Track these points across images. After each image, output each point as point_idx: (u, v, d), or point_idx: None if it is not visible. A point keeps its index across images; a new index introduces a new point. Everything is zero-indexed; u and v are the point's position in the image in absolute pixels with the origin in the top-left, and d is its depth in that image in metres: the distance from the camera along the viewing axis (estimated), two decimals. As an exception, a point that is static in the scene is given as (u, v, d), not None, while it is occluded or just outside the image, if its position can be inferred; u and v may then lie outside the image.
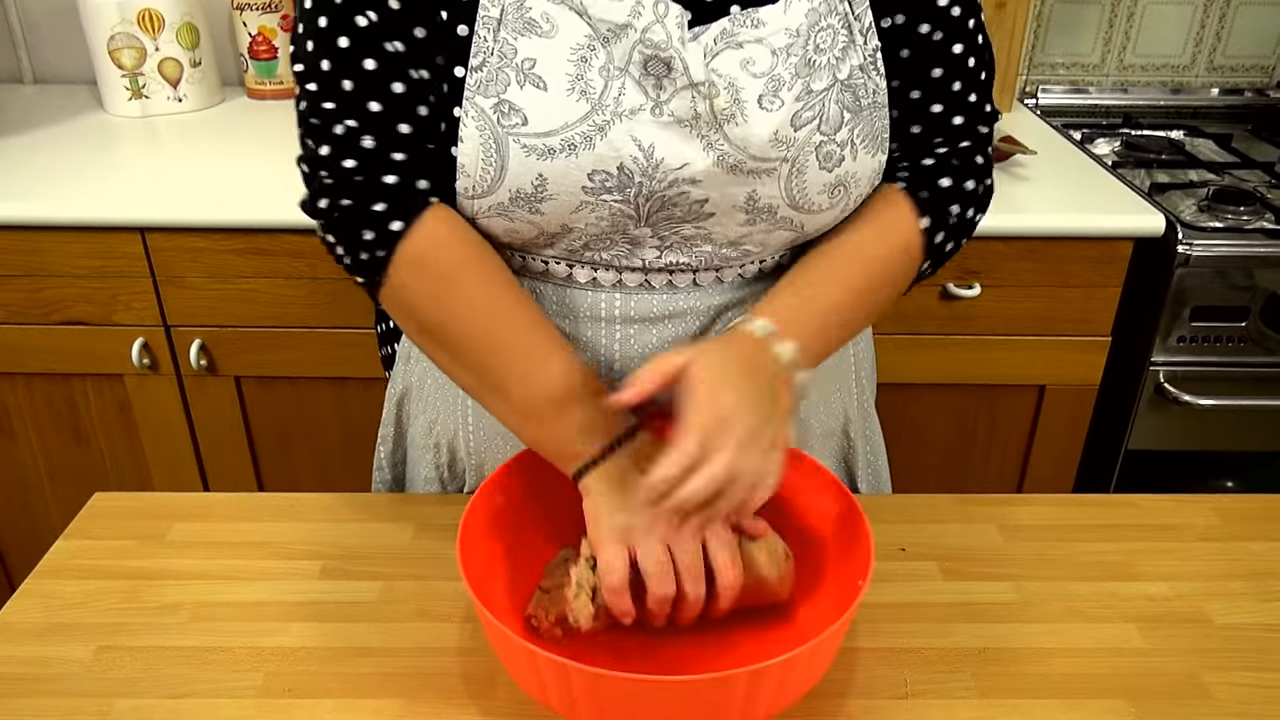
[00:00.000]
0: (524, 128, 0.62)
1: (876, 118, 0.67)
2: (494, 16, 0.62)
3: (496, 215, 0.66)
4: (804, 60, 0.64)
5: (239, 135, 1.46)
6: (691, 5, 0.63)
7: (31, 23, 1.64)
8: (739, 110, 0.62)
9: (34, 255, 1.23)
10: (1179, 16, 1.68)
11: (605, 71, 0.62)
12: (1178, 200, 1.34)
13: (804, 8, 0.64)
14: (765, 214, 0.67)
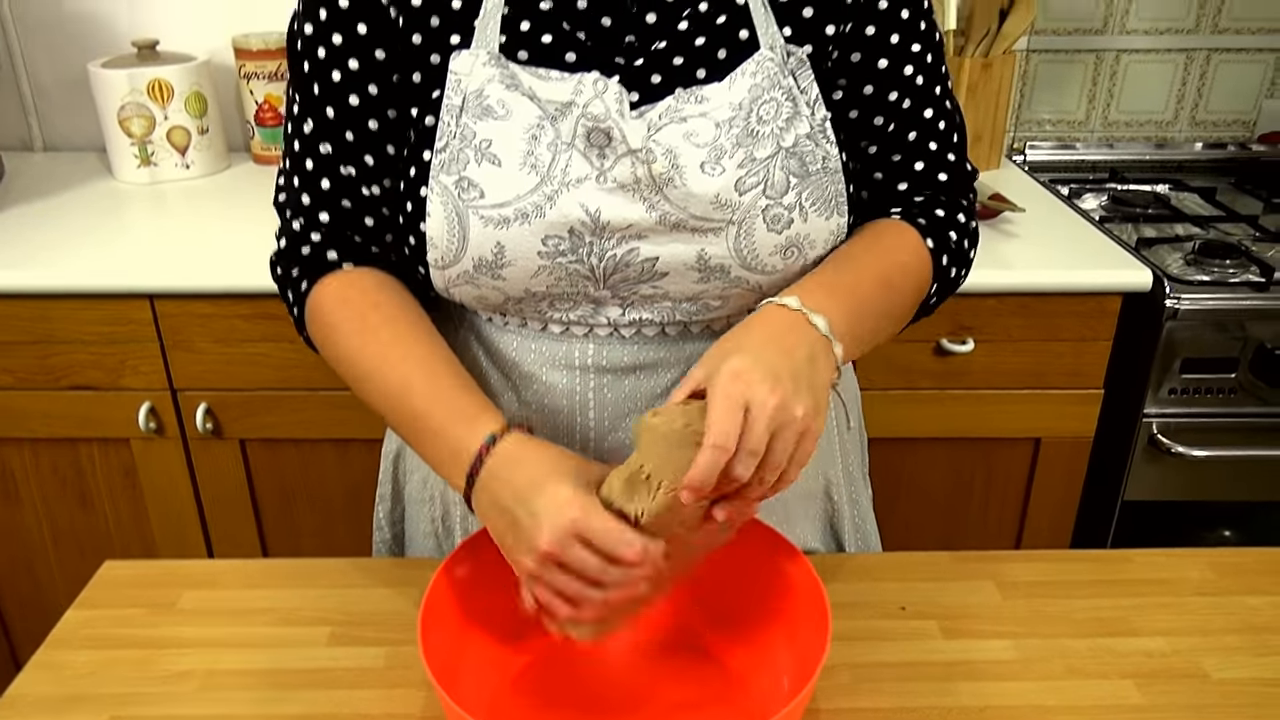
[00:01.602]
0: (481, 200, 0.68)
1: (828, 182, 0.70)
2: (456, 105, 0.69)
3: (464, 283, 0.71)
4: (746, 130, 0.68)
5: (245, 200, 1.49)
6: (639, 86, 0.69)
7: (42, 91, 1.68)
8: (678, 174, 0.67)
9: (44, 322, 1.25)
10: (1160, 74, 1.72)
11: (553, 146, 0.67)
12: (1165, 254, 1.37)
13: (747, 84, 0.68)
14: (718, 273, 0.70)
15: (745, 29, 0.69)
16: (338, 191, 0.73)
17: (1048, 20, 1.67)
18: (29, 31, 1.64)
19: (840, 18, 0.71)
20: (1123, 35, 1.69)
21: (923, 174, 0.75)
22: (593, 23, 0.69)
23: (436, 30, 0.70)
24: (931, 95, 0.74)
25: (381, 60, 0.71)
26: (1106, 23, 1.68)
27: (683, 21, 0.69)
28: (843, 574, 0.81)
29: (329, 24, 0.71)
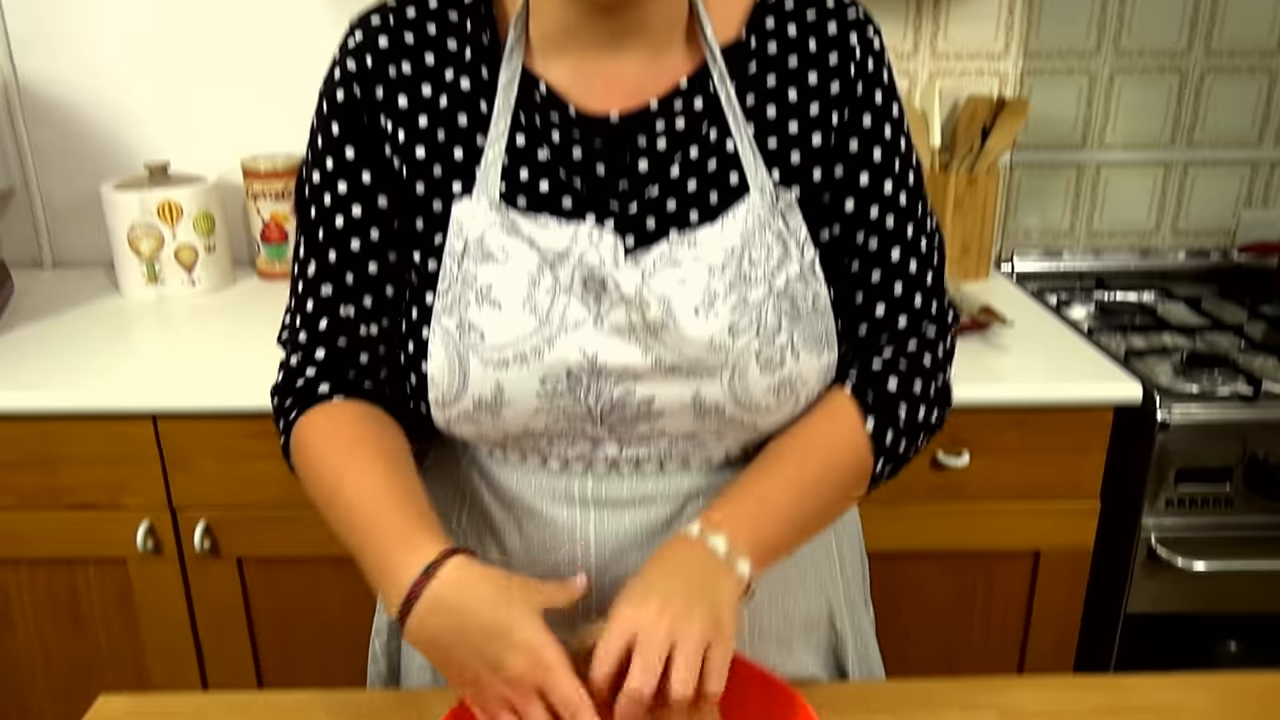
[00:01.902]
0: (482, 343, 0.70)
1: (819, 321, 0.72)
2: (458, 250, 0.71)
3: (465, 421, 0.73)
4: (738, 274, 0.70)
5: (250, 316, 1.52)
6: (634, 230, 0.71)
7: (55, 211, 1.73)
8: (671, 320, 0.69)
9: (48, 442, 1.26)
10: (1140, 185, 1.78)
11: (552, 291, 0.70)
12: (1154, 364, 1.39)
13: (738, 227, 0.71)
14: (713, 413, 0.72)
15: (735, 173, 0.72)
16: (335, 330, 0.76)
17: (1029, 136, 1.73)
18: (43, 153, 1.69)
19: (826, 162, 0.73)
20: (1102, 150, 1.75)
21: (883, 320, 0.76)
22: (588, 171, 0.73)
23: (439, 179, 0.73)
24: (902, 236, 0.75)
25: (384, 207, 0.74)
26: (1085, 138, 1.74)
27: (674, 167, 0.72)
28: (844, 703, 0.80)
29: (335, 172, 0.74)
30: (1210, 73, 1.70)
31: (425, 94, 0.73)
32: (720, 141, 0.72)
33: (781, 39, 0.73)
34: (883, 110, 0.74)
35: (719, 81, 0.72)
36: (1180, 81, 1.71)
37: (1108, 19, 1.66)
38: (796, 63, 0.73)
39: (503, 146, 0.72)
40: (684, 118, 0.73)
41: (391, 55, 0.73)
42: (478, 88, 0.73)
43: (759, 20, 0.74)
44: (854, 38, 0.73)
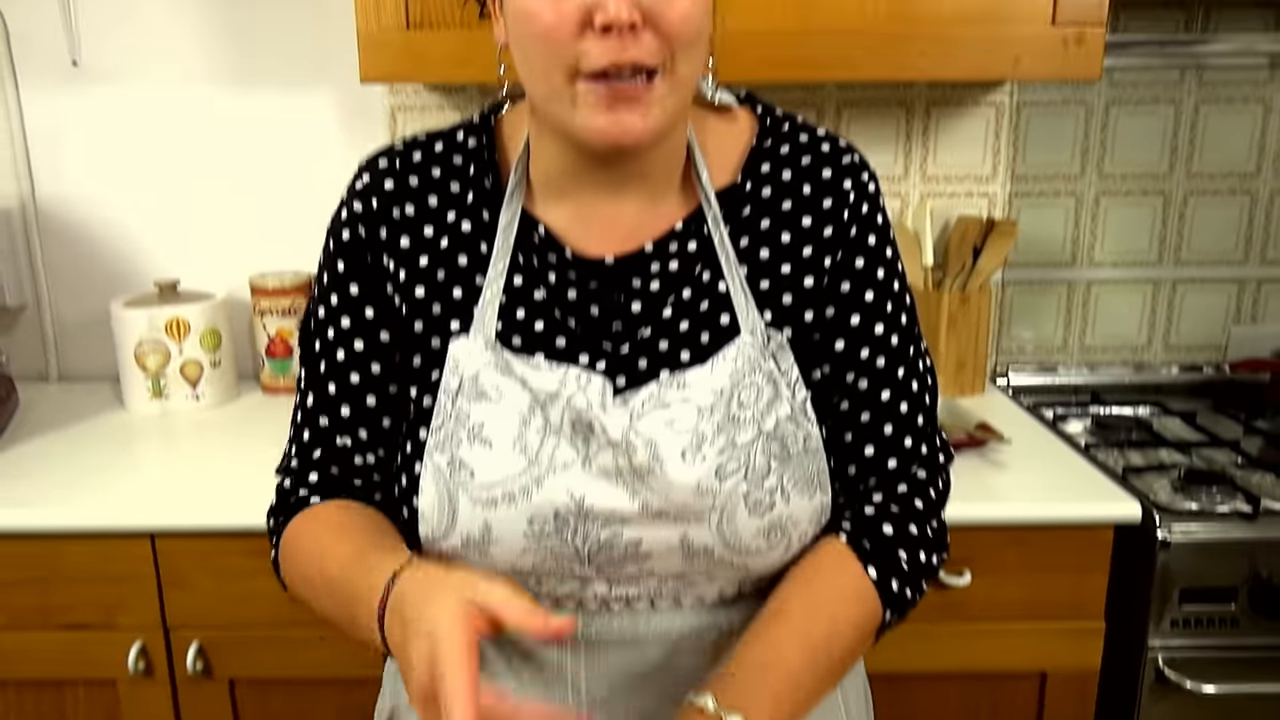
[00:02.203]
0: (472, 481, 0.70)
1: (809, 462, 0.72)
2: (453, 387, 0.73)
3: (453, 558, 0.73)
4: (727, 416, 0.70)
5: (252, 431, 1.53)
6: (625, 371, 0.72)
7: (64, 328, 1.75)
8: (658, 465, 0.69)
9: (44, 561, 1.25)
10: (1130, 302, 1.81)
11: (542, 431, 0.70)
12: (1152, 481, 1.39)
13: (728, 369, 0.71)
14: (702, 555, 0.71)
15: (726, 314, 0.73)
16: (329, 459, 0.77)
17: (1020, 254, 1.77)
18: (56, 271, 1.73)
19: (818, 303, 0.75)
20: (1091, 268, 1.79)
21: (872, 461, 0.75)
22: (583, 311, 0.74)
23: (438, 317, 0.75)
24: (893, 377, 0.76)
25: (386, 342, 0.76)
26: (1075, 257, 1.78)
27: (667, 309, 0.74)
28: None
29: (340, 308, 0.77)
30: (1193, 195, 1.76)
31: (427, 235, 0.75)
32: (713, 283, 0.74)
33: (776, 183, 0.75)
34: (876, 252, 0.75)
35: (713, 225, 0.74)
36: (1164, 203, 1.76)
37: (1090, 144, 1.73)
38: (790, 206, 0.75)
39: (500, 287, 0.74)
40: (677, 260, 0.74)
41: (396, 197, 0.76)
42: (479, 229, 0.75)
43: (754, 165, 0.76)
44: (848, 183, 0.75)
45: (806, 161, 0.76)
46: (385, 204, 0.76)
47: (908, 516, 0.75)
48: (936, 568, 0.77)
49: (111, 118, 1.67)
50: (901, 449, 0.76)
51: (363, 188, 0.77)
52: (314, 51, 1.65)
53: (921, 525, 0.75)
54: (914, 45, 1.32)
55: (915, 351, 0.78)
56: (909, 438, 0.76)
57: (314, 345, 0.78)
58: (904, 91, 1.68)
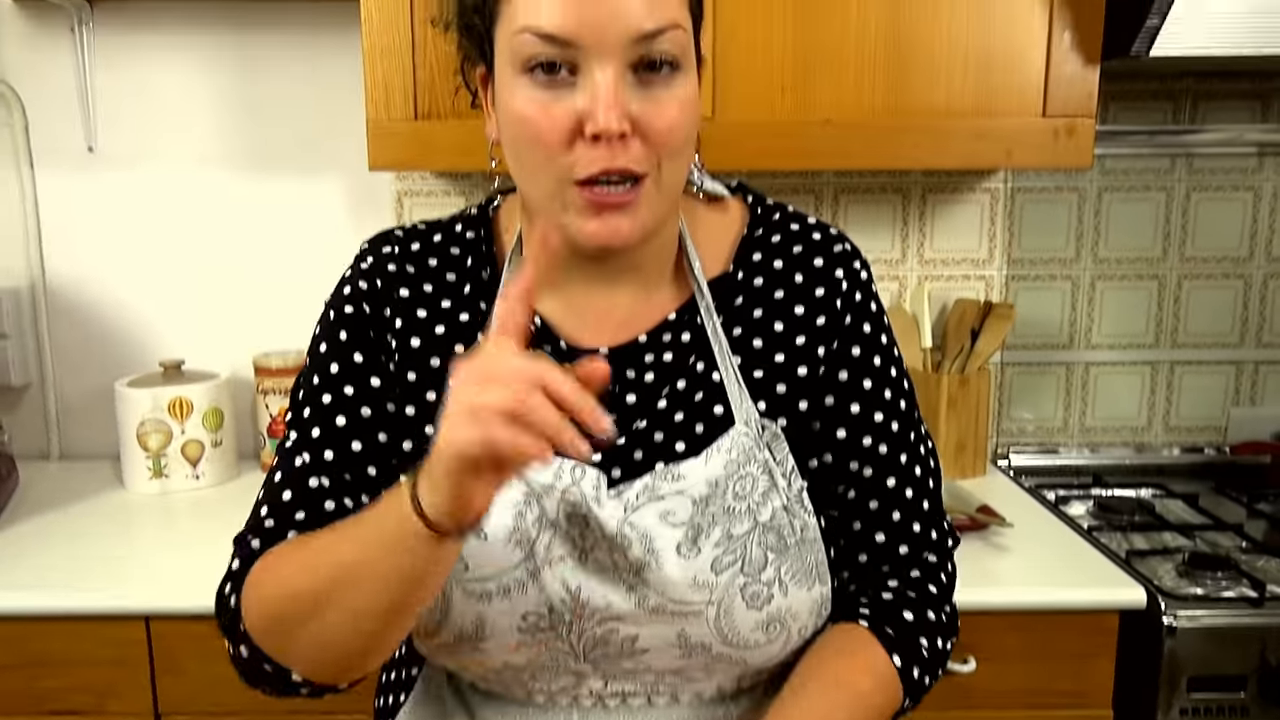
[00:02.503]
0: (465, 573, 0.69)
1: (807, 553, 0.71)
2: None
3: (446, 653, 0.72)
4: (723, 508, 0.70)
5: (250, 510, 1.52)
6: (620, 463, 0.72)
7: (67, 407, 1.76)
8: (654, 560, 0.68)
9: (37, 643, 1.24)
10: (1129, 384, 1.82)
11: (538, 523, 0.69)
12: (1156, 565, 1.38)
13: (722, 460, 0.71)
14: (699, 650, 0.70)
15: (720, 405, 0.73)
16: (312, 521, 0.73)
17: (1018, 337, 1.78)
18: (62, 350, 1.75)
19: (814, 392, 0.75)
20: (1089, 350, 1.80)
21: (884, 547, 0.75)
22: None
23: (431, 404, 0.74)
24: (896, 463, 0.76)
25: (391, 412, 0.74)
26: (1073, 339, 1.80)
27: (661, 400, 0.74)
28: None
29: (341, 375, 0.74)
30: (1187, 279, 1.78)
31: (425, 320, 0.76)
32: (706, 373, 0.74)
33: (768, 272, 0.76)
34: (871, 339, 0.76)
35: (706, 314, 0.74)
36: (1159, 287, 1.78)
37: (1085, 229, 1.76)
38: (783, 295, 0.75)
39: None
40: (671, 350, 0.75)
41: (399, 280, 0.76)
42: (475, 320, 0.76)
43: (746, 254, 0.77)
44: (840, 271, 0.76)
45: (798, 250, 0.77)
46: (389, 284, 0.76)
47: (925, 603, 0.75)
48: (950, 654, 0.76)
49: (123, 200, 1.70)
50: (911, 535, 0.76)
51: (368, 267, 0.78)
52: (322, 138, 1.69)
53: (938, 611, 0.75)
54: (909, 137, 1.36)
55: (917, 436, 0.78)
56: (917, 523, 0.76)
57: (303, 411, 0.75)
58: (900, 178, 1.72)
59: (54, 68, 1.66)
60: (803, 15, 1.33)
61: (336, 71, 1.66)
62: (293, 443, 0.75)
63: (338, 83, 1.67)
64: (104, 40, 1.65)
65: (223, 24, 1.66)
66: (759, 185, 0.85)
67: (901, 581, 0.75)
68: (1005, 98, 1.36)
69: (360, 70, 1.36)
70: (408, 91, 1.33)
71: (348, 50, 1.65)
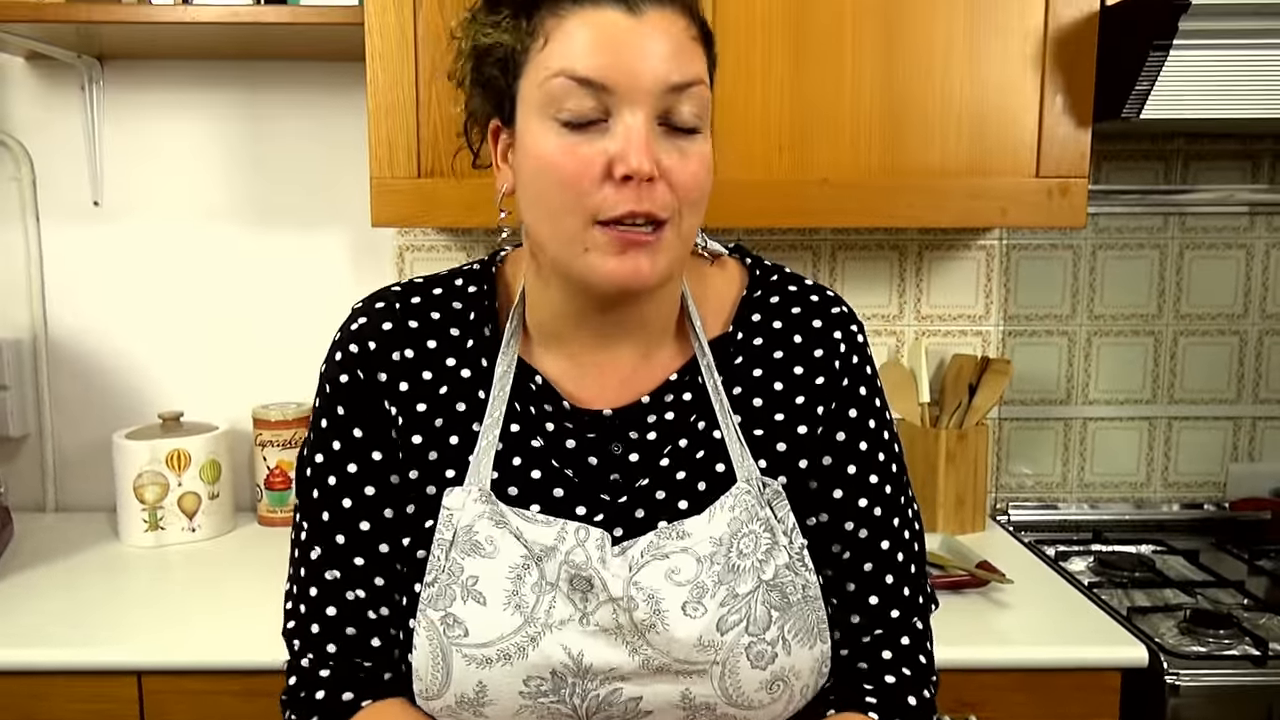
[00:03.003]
0: (465, 639, 0.69)
1: (809, 610, 0.72)
2: (447, 539, 0.72)
3: (448, 716, 0.71)
4: (728, 566, 0.70)
5: (246, 563, 1.51)
6: (623, 521, 0.72)
7: (64, 458, 1.76)
8: (659, 620, 0.68)
9: (26, 700, 1.22)
10: (1127, 439, 1.82)
11: (538, 587, 0.69)
12: (1158, 623, 1.37)
13: (726, 517, 0.71)
14: (704, 711, 0.70)
15: (722, 463, 0.74)
16: (344, 618, 0.75)
17: (1015, 392, 1.79)
18: (61, 402, 1.75)
19: (813, 451, 0.76)
20: (1087, 406, 1.81)
21: (876, 609, 0.76)
22: (579, 462, 0.74)
23: (433, 463, 0.74)
24: (889, 527, 0.77)
25: (396, 484, 0.75)
26: (1070, 394, 1.81)
27: (663, 458, 0.74)
28: None
29: (343, 453, 0.75)
30: (1182, 335, 1.79)
31: (426, 379, 0.75)
32: (708, 431, 0.75)
33: (767, 332, 0.77)
34: (867, 402, 0.77)
35: (707, 373, 0.75)
36: (1155, 343, 1.79)
37: (1080, 286, 1.77)
38: (782, 355, 0.77)
39: (496, 435, 0.74)
40: (673, 410, 0.75)
41: (395, 340, 0.76)
42: (477, 377, 0.76)
43: (746, 314, 0.78)
44: (838, 333, 0.77)
45: (797, 311, 0.78)
46: (384, 346, 0.76)
47: (922, 681, 0.76)
48: (932, 705, 0.78)
49: (127, 254, 1.72)
50: (902, 599, 0.77)
51: (359, 329, 0.77)
52: (325, 193, 1.71)
53: (928, 686, 0.77)
54: (904, 196, 1.38)
55: (905, 500, 0.79)
56: (907, 587, 0.77)
57: (312, 493, 0.76)
58: (897, 235, 1.74)
59: (63, 124, 1.68)
60: (799, 78, 1.36)
61: (341, 129, 1.69)
62: (321, 554, 0.76)
63: (342, 139, 1.69)
64: (113, 97, 1.68)
65: (231, 82, 1.69)
66: (757, 243, 0.87)
67: (895, 656, 0.76)
68: (999, 158, 1.38)
69: (364, 128, 1.38)
70: (411, 149, 1.36)
71: (352, 108, 1.68)
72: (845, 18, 1.35)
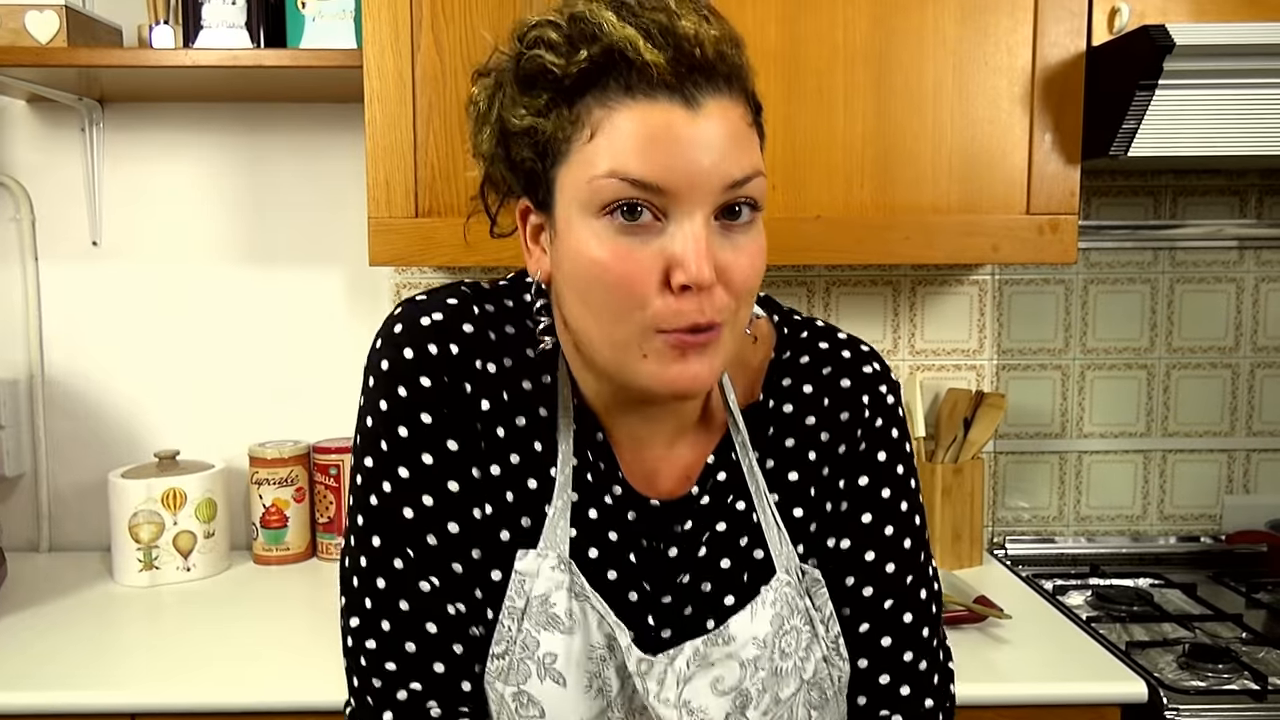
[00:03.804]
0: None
1: (842, 701, 0.69)
2: (519, 608, 0.65)
3: None
4: (772, 671, 0.67)
5: (241, 602, 1.50)
6: (670, 622, 0.68)
7: (59, 498, 1.75)
8: None
9: (18, 744, 1.21)
10: (1122, 472, 1.83)
11: (622, 670, 0.64)
12: (1157, 657, 1.37)
13: (768, 614, 0.67)
14: None
15: (760, 549, 0.70)
16: (429, 693, 0.65)
17: (1010, 425, 1.80)
18: (57, 441, 1.75)
19: (837, 531, 0.72)
20: (1081, 439, 1.81)
21: (886, 689, 0.72)
22: (636, 546, 0.69)
23: (510, 506, 0.68)
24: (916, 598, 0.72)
25: (476, 519, 0.67)
26: (1065, 428, 1.81)
27: (702, 548, 0.70)
28: None
29: (434, 472, 0.66)
30: (1175, 368, 1.80)
31: (505, 401, 0.68)
32: (746, 514, 0.71)
33: (798, 398, 0.73)
34: (885, 469, 0.73)
35: (741, 451, 0.71)
36: (1148, 376, 1.81)
37: (1072, 320, 1.79)
38: (814, 421, 0.72)
39: (569, 499, 0.68)
40: (709, 494, 0.71)
41: (477, 348, 0.67)
42: (552, 420, 0.69)
43: (776, 380, 0.74)
44: (866, 397, 0.73)
45: (827, 372, 0.74)
46: (467, 351, 0.67)
47: None
48: None
49: (125, 293, 1.73)
50: (916, 674, 0.72)
51: (435, 326, 0.67)
52: (323, 232, 1.72)
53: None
54: (897, 233, 1.39)
55: (919, 576, 0.74)
56: (924, 662, 0.73)
57: (379, 542, 0.65)
58: (890, 271, 1.75)
59: (63, 165, 1.70)
60: (792, 119, 1.38)
61: (338, 169, 1.71)
62: (393, 624, 0.65)
63: (339, 180, 1.71)
64: (113, 139, 1.70)
65: (230, 124, 1.71)
66: None
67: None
68: (990, 196, 1.40)
69: (362, 168, 1.40)
70: (409, 189, 1.37)
71: (350, 149, 1.69)
72: (837, 59, 1.38)
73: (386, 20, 1.34)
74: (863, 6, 1.37)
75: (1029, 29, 1.38)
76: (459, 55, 1.35)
